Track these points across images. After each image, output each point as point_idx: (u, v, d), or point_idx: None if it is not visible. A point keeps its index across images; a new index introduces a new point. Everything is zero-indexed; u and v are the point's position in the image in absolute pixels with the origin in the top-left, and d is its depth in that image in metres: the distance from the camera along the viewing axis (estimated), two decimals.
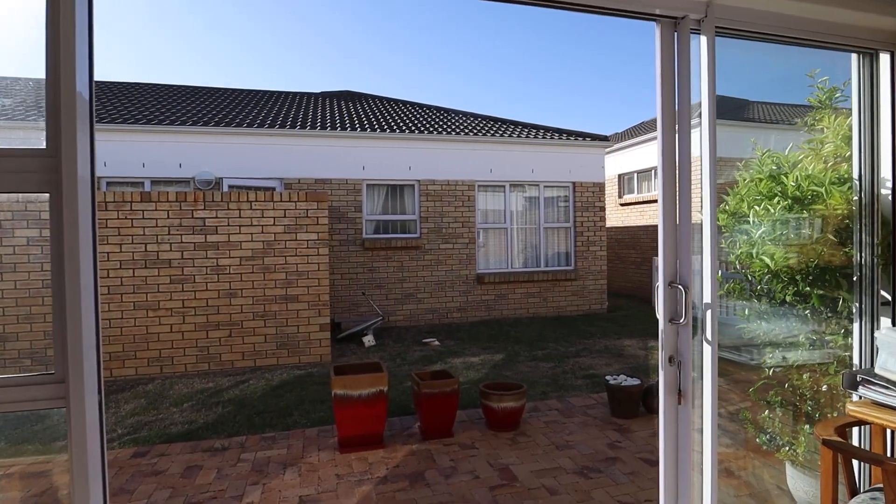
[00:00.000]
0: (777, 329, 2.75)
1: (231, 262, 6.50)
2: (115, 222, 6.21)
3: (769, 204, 2.50)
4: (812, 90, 3.04)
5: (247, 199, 6.52)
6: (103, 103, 9.70)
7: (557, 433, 4.15)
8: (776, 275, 2.55)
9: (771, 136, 3.40)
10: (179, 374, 6.38)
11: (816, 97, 3.01)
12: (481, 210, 9.92)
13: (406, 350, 7.41)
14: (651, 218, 12.41)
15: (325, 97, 12.49)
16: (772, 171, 2.80)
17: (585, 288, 10.28)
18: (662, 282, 2.06)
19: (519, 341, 7.77)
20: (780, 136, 3.53)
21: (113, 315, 6.21)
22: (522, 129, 10.72)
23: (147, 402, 5.38)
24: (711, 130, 1.99)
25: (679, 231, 2.04)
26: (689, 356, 2.01)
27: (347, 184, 9.11)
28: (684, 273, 2.02)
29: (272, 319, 6.63)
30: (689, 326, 2.00)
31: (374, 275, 9.20)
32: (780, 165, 2.74)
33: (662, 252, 2.06)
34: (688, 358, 2.01)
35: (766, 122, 4.30)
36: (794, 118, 3.34)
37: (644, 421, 4.35)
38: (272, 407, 5.08)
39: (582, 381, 5.59)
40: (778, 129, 4.10)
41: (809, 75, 3.12)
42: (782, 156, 2.79)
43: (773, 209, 2.47)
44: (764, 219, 2.51)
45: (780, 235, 2.48)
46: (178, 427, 4.65)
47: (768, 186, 2.65)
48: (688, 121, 2.02)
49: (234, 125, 8.77)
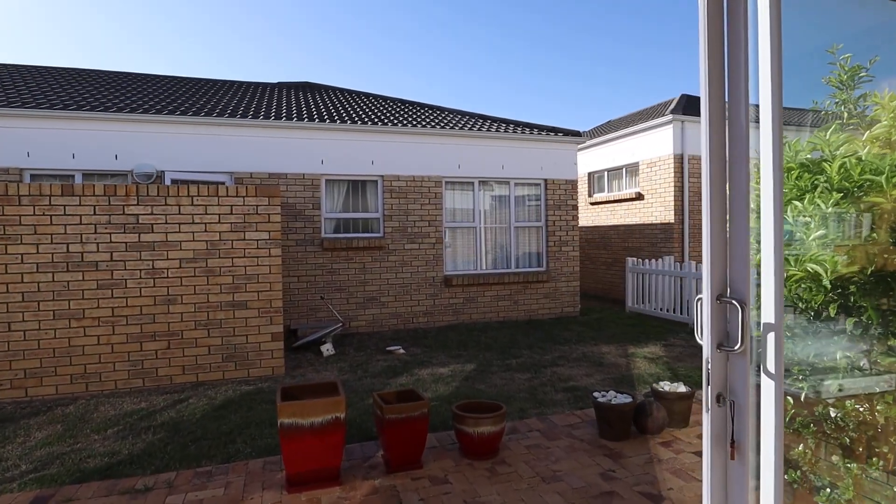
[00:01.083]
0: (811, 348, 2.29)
1: (169, 264, 5.75)
2: (31, 219, 5.38)
3: (820, 198, 2.02)
4: (832, 69, 2.61)
5: (187, 193, 5.79)
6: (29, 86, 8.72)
7: (542, 461, 3.63)
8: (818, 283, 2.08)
9: (807, 117, 2.93)
10: (109, 391, 5.60)
11: (837, 76, 2.58)
12: (449, 208, 9.36)
13: (368, 359, 6.79)
14: (622, 217, 12.12)
15: (281, 88, 11.72)
16: (804, 161, 2.33)
17: (558, 290, 9.86)
18: (707, 295, 1.54)
19: (490, 348, 7.25)
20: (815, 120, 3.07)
21: (28, 326, 5.39)
22: (492, 123, 10.22)
23: (64, 428, 4.61)
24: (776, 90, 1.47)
25: (732, 229, 1.53)
26: (747, 395, 1.50)
27: (305, 179, 8.41)
28: (739, 284, 1.51)
29: (217, 329, 5.91)
30: (746, 355, 1.49)
31: (333, 277, 8.53)
32: (821, 150, 2.27)
33: (709, 256, 1.55)
34: (745, 398, 1.50)
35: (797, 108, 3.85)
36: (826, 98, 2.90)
37: (637, 444, 3.87)
38: (212, 432, 4.40)
39: (562, 395, 5.10)
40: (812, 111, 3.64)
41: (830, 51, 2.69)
42: (821, 140, 2.32)
43: (825, 203, 2.00)
44: (814, 216, 2.03)
45: (833, 236, 2.00)
46: (97, 461, 3.92)
47: (808, 177, 2.17)
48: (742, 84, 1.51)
49: (177, 113, 7.95)
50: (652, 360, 6.42)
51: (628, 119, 13.48)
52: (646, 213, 11.37)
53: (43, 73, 10.08)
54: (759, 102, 1.49)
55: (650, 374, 5.75)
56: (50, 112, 7.37)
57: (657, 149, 11.05)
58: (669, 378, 5.51)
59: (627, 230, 11.94)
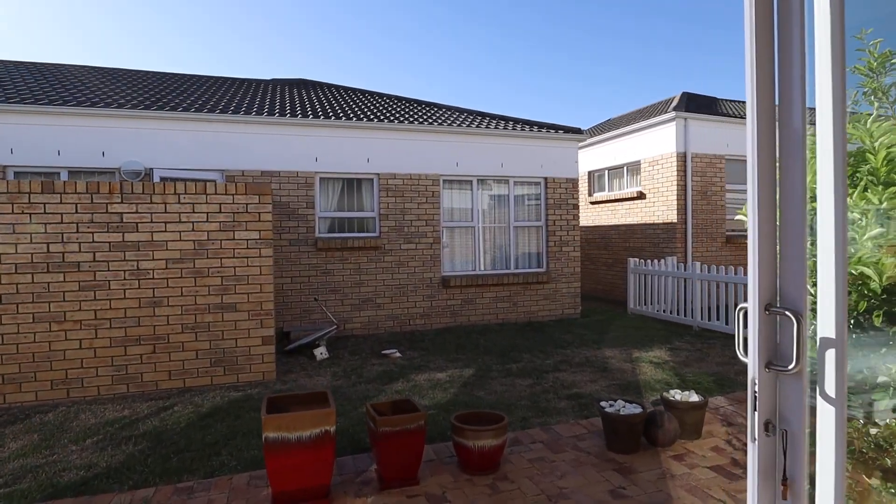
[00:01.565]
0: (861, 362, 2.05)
1: (155, 265, 5.50)
2: (9, 217, 5.13)
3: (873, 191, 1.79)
4: (860, 55, 2.39)
5: (174, 190, 5.54)
6: (14, 81, 8.45)
7: (546, 476, 3.40)
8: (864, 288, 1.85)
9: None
10: (91, 398, 5.35)
11: (866, 63, 2.35)
12: (446, 207, 9.12)
13: (363, 364, 6.55)
14: (623, 217, 11.89)
15: (276, 84, 11.46)
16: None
17: (558, 291, 9.62)
18: (754, 304, 1.31)
19: (489, 352, 7.01)
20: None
21: (7, 329, 5.13)
22: (491, 120, 9.98)
23: (41, 437, 4.36)
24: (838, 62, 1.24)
25: (784, 229, 1.29)
26: (802, 424, 1.27)
27: (298, 177, 8.16)
28: (793, 291, 1.28)
29: (205, 332, 5.66)
30: (802, 375, 1.26)
31: (328, 278, 8.29)
32: (860, 141, 2.04)
33: (755, 258, 1.31)
34: (801, 427, 1.27)
35: None
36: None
37: (648, 457, 3.64)
38: (196, 443, 4.15)
39: (566, 403, 4.86)
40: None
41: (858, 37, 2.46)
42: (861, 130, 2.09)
43: (878, 198, 1.77)
44: (867, 213, 1.80)
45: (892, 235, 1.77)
46: (72, 474, 3.68)
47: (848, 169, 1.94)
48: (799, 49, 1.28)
49: (167, 109, 7.70)
50: (658, 364, 6.19)
51: (629, 117, 13.26)
52: (648, 212, 11.15)
53: (31, 69, 9.81)
54: (818, 70, 1.26)
55: (657, 381, 5.52)
56: (34, 107, 7.11)
57: (659, 147, 10.83)
58: (678, 385, 5.28)
59: (629, 230, 11.71)
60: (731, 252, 10.77)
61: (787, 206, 1.28)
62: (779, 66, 1.32)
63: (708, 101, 12.57)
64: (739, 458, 3.59)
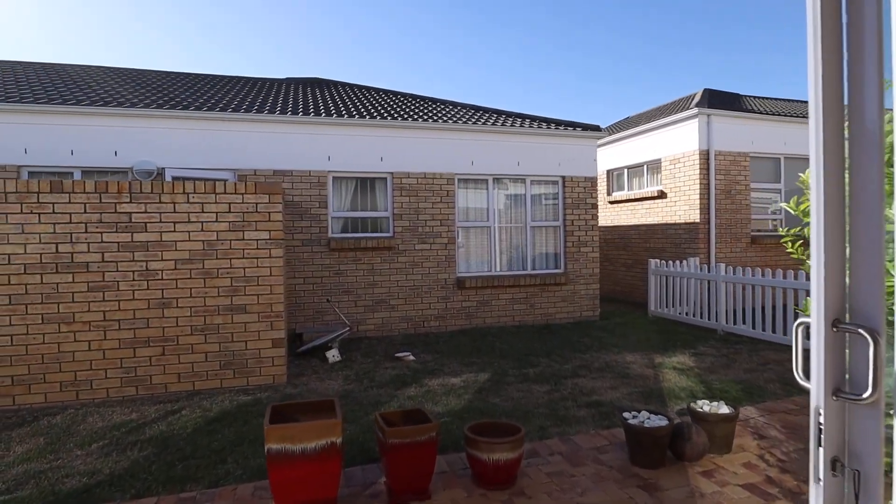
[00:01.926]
0: None
1: (164, 265, 5.41)
2: (18, 217, 5.07)
3: None
4: None
5: (183, 190, 5.43)
6: (31, 82, 8.46)
7: (566, 492, 3.20)
8: None
9: None
10: (100, 400, 5.27)
11: None
12: (462, 207, 8.94)
13: (376, 367, 6.40)
14: (644, 216, 11.60)
15: (289, 83, 11.38)
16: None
17: (576, 293, 9.38)
18: (819, 319, 1.11)
19: (506, 355, 6.81)
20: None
21: (16, 330, 5.07)
22: (507, 117, 9.78)
23: (47, 441, 4.28)
24: None
25: (855, 234, 1.09)
26: (878, 462, 1.06)
27: (311, 176, 8.05)
28: (867, 305, 1.07)
29: (215, 334, 5.55)
30: (879, 405, 1.06)
31: (341, 279, 8.15)
32: None
33: (821, 267, 1.11)
34: (876, 465, 1.06)
35: None
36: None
37: (675, 473, 3.42)
38: (202, 449, 4.03)
39: (586, 412, 4.65)
40: None
41: None
42: None
43: None
44: None
45: None
46: (74, 481, 3.57)
47: None
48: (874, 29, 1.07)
49: (179, 108, 7.63)
50: (682, 371, 5.94)
51: (649, 114, 12.94)
52: (669, 211, 10.84)
53: (45, 69, 9.85)
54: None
55: (682, 388, 5.28)
56: (48, 107, 7.09)
57: (681, 144, 10.53)
58: (703, 393, 5.03)
59: (649, 230, 11.42)
60: (756, 253, 10.41)
61: (860, 209, 1.08)
62: (848, 61, 1.11)
63: (731, 97, 12.20)
64: (774, 476, 3.35)
